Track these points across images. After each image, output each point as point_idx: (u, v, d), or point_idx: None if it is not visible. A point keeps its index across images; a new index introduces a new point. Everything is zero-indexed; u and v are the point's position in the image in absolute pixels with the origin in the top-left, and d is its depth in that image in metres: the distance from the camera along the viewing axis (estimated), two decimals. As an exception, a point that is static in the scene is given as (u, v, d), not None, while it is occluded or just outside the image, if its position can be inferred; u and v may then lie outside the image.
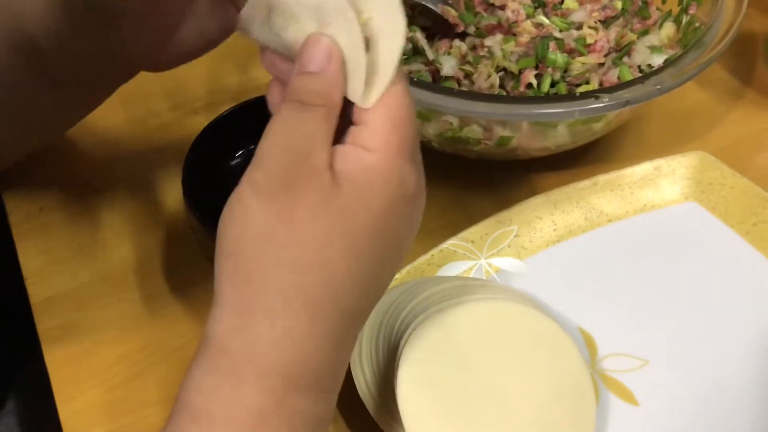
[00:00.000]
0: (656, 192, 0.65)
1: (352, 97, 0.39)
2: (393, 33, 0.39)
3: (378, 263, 0.39)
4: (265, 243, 0.37)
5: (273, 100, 0.42)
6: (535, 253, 0.63)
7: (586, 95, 0.54)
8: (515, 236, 0.62)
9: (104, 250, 0.65)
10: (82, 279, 0.64)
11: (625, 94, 0.54)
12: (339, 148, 0.39)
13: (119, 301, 0.62)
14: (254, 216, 0.38)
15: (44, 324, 0.61)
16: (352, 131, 0.39)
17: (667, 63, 0.58)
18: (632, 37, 0.64)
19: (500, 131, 0.59)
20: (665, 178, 0.65)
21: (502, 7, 0.70)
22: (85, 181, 0.69)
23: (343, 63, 0.39)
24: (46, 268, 0.64)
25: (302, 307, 0.37)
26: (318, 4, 0.39)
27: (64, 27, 0.47)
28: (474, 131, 0.59)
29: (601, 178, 0.65)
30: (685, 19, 0.65)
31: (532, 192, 0.65)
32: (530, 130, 0.59)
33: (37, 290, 0.63)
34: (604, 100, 0.53)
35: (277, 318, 0.37)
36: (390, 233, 0.39)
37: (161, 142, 0.72)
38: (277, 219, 0.37)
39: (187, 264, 0.64)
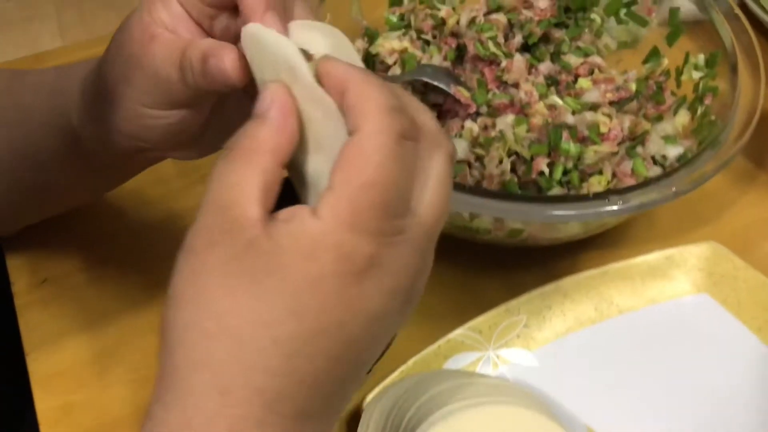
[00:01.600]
0: (668, 283, 0.64)
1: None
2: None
3: (300, 342, 0.33)
4: (177, 304, 0.35)
5: None
6: (544, 344, 0.62)
7: (599, 196, 0.53)
8: (524, 326, 0.62)
9: (107, 325, 0.64)
10: (83, 355, 0.63)
11: (640, 197, 0.53)
12: (295, 207, 0.35)
13: (120, 381, 0.61)
14: (175, 275, 0.35)
15: (44, 403, 0.60)
16: None
17: (683, 162, 0.57)
18: (646, 126, 0.64)
19: (511, 224, 0.58)
20: (677, 269, 0.64)
21: (515, 85, 0.70)
22: (89, 251, 0.68)
23: (285, 109, 0.35)
24: (48, 342, 0.64)
25: (210, 379, 0.33)
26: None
27: (97, 127, 0.49)
28: (484, 222, 0.59)
29: (612, 267, 0.64)
30: (700, 109, 0.65)
31: (543, 276, 0.64)
32: (542, 224, 0.58)
33: (37, 367, 0.62)
34: (618, 203, 0.53)
35: (187, 392, 0.34)
36: (318, 310, 0.33)
37: (168, 212, 0.72)
38: (188, 278, 0.34)
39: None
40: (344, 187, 0.33)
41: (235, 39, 0.41)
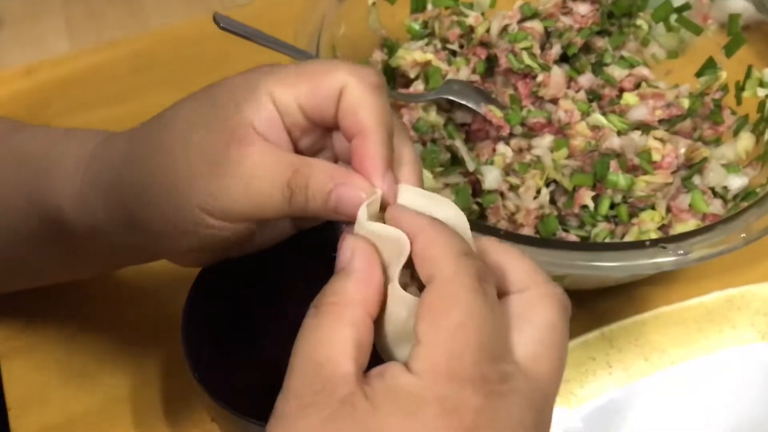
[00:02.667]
0: (728, 329, 0.57)
1: None
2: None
3: None
4: None
5: None
6: (587, 401, 0.55)
7: (655, 244, 0.46)
8: (565, 381, 0.54)
9: (98, 376, 0.58)
10: (71, 410, 0.57)
11: (703, 246, 0.46)
12: (386, 364, 0.32)
13: (112, 442, 0.55)
14: None
15: (27, 466, 0.54)
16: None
17: (752, 201, 0.50)
18: (705, 152, 0.56)
19: (552, 271, 0.51)
20: (738, 313, 0.57)
21: (553, 101, 0.62)
22: (78, 294, 0.61)
23: (368, 259, 0.33)
24: (32, 395, 0.57)
25: None
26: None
27: (97, 222, 0.43)
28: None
29: (663, 311, 0.57)
30: (767, 132, 0.57)
31: (585, 319, 0.57)
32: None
33: (20, 424, 0.56)
34: (678, 254, 0.45)
35: None
36: None
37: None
38: None
39: (188, 399, 0.56)
40: (434, 334, 0.31)
41: (317, 153, 0.40)
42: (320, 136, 0.39)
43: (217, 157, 0.37)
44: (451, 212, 0.35)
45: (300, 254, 0.44)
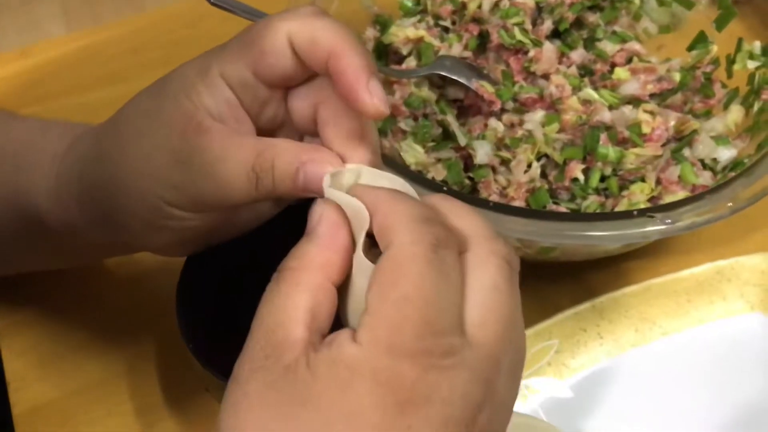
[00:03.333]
0: (717, 300, 0.57)
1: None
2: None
3: None
4: None
5: None
6: (578, 372, 0.55)
7: (643, 213, 0.46)
8: (556, 352, 0.55)
9: (95, 351, 0.59)
10: (70, 385, 0.57)
11: (691, 215, 0.46)
12: (338, 332, 0.31)
13: (109, 414, 0.56)
14: (222, 406, 0.32)
15: (26, 439, 0.55)
16: None
17: (739, 170, 0.50)
18: (695, 125, 0.56)
19: (541, 242, 0.51)
20: (728, 284, 0.58)
21: (545, 77, 0.62)
22: (76, 272, 0.62)
23: (334, 224, 0.33)
24: (32, 370, 0.58)
25: None
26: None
27: (73, 220, 0.43)
28: (509, 238, 0.52)
29: (654, 283, 0.57)
30: (757, 104, 0.57)
31: (576, 291, 0.58)
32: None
33: (20, 397, 0.57)
34: (666, 222, 0.46)
35: None
36: None
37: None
38: (230, 409, 0.31)
39: (183, 371, 0.57)
40: (379, 305, 0.30)
41: (279, 129, 0.39)
42: (280, 106, 0.38)
43: (175, 149, 0.37)
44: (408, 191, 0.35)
45: (287, 229, 0.45)
